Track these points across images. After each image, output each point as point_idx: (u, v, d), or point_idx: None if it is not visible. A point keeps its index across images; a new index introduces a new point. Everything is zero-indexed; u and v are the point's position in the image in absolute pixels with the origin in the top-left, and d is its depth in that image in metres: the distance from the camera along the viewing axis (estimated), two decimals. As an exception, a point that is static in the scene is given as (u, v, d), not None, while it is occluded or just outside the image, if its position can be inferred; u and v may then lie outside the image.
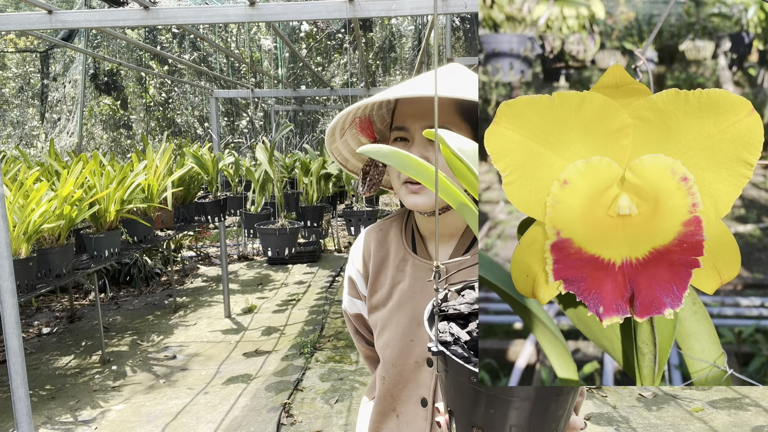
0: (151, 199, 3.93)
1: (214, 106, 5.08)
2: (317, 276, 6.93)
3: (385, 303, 1.07)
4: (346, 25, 6.81)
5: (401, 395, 1.04)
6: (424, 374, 1.01)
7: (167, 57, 4.85)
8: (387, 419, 1.06)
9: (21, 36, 9.28)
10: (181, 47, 9.78)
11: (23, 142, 9.66)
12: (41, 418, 3.39)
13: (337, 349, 4.50)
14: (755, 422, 3.11)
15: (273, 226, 3.39)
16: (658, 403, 3.39)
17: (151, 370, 4.14)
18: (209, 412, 3.43)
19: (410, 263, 1.05)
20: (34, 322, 5.29)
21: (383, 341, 1.05)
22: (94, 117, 9.75)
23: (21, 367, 2.18)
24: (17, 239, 2.70)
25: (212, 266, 7.59)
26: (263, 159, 3.38)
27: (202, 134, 10.83)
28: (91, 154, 3.87)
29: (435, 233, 1.03)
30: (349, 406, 3.47)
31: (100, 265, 3.53)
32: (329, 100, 8.93)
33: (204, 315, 5.46)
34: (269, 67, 8.76)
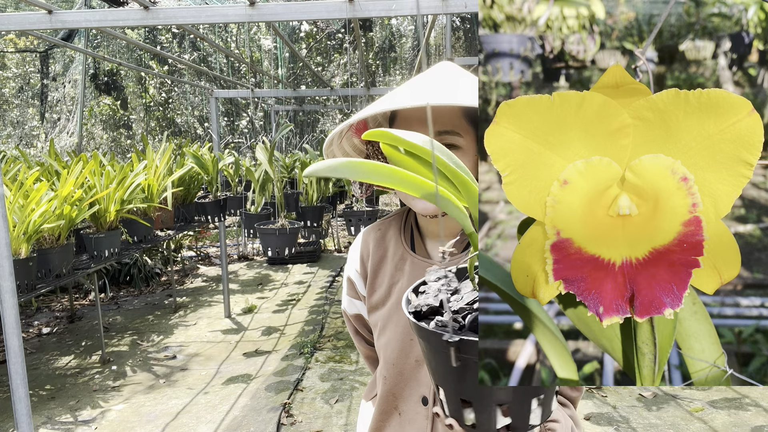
0: (151, 199, 3.93)
1: (214, 106, 5.08)
2: (317, 276, 6.93)
3: (384, 302, 1.07)
4: (346, 25, 6.81)
5: (402, 394, 1.04)
6: (425, 373, 1.01)
7: (167, 57, 4.85)
8: (389, 418, 1.07)
9: (21, 36, 9.28)
10: (181, 47, 9.78)
11: (23, 142, 9.66)
12: (41, 418, 3.39)
13: (337, 349, 4.50)
14: (755, 422, 3.11)
15: (273, 226, 3.39)
16: (658, 403, 3.39)
17: (151, 370, 4.14)
18: (209, 412, 3.43)
19: (409, 262, 1.05)
20: (34, 322, 5.29)
21: (383, 341, 1.06)
22: (94, 117, 9.74)
23: (21, 367, 2.18)
24: (17, 239, 2.70)
25: (212, 266, 7.59)
26: (263, 159, 3.38)
27: (202, 134, 10.83)
28: (91, 154, 3.87)
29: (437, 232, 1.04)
30: (349, 406, 3.47)
31: (100, 265, 3.53)
32: (329, 100, 8.93)
33: (204, 315, 5.46)
34: (269, 67, 8.77)
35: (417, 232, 1.09)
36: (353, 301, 1.16)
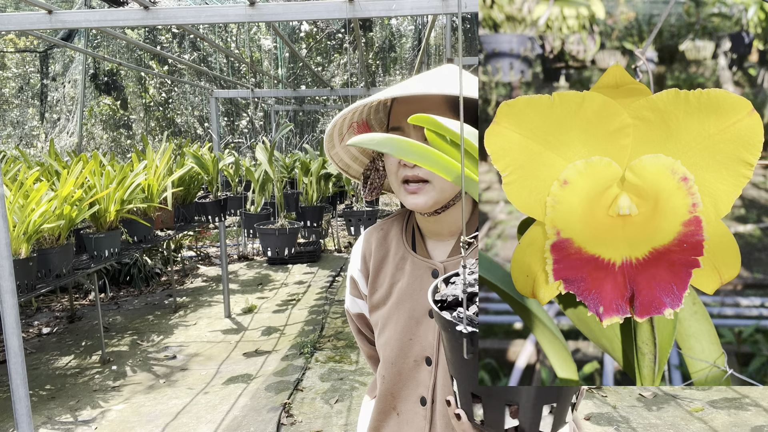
0: (151, 199, 3.93)
1: (214, 106, 5.08)
2: (317, 276, 6.93)
3: (385, 301, 1.07)
4: (346, 25, 6.81)
5: (401, 394, 1.05)
6: (423, 373, 1.01)
7: (167, 57, 4.85)
8: (387, 418, 1.07)
9: (21, 36, 9.28)
10: (181, 47, 9.78)
11: (23, 142, 9.66)
12: (41, 418, 3.39)
13: (337, 349, 4.50)
14: (755, 422, 3.11)
15: (273, 226, 3.39)
16: (658, 403, 3.39)
17: (151, 370, 4.14)
18: (209, 412, 3.43)
19: (409, 261, 1.06)
20: (34, 322, 5.29)
21: (383, 340, 1.06)
22: (94, 117, 9.74)
23: (21, 367, 2.18)
24: (17, 239, 2.70)
25: (212, 266, 7.59)
26: (263, 159, 3.38)
27: (202, 134, 10.83)
28: (91, 154, 3.87)
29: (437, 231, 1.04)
30: (349, 406, 3.47)
31: (100, 265, 3.53)
32: (329, 100, 8.93)
33: (204, 315, 5.46)
34: (269, 67, 8.77)
35: (418, 232, 1.09)
36: (356, 300, 1.16)
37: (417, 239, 1.08)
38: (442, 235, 1.05)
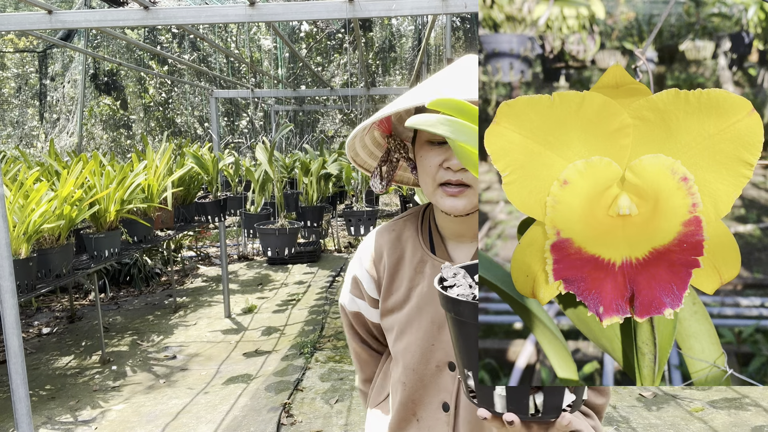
0: (151, 199, 3.93)
1: (214, 106, 5.08)
2: (317, 276, 6.93)
3: (402, 306, 1.04)
4: (346, 25, 6.81)
5: (423, 400, 1.01)
6: (446, 378, 0.99)
7: (167, 57, 4.85)
8: (407, 426, 1.03)
9: (21, 36, 9.28)
10: (181, 47, 9.78)
11: (23, 142, 9.66)
12: (41, 418, 3.39)
13: (337, 349, 4.50)
14: (755, 422, 3.11)
15: (273, 226, 3.39)
16: (658, 403, 3.39)
17: (151, 370, 4.14)
18: (209, 412, 3.43)
19: (429, 264, 1.02)
20: (34, 322, 5.29)
21: (402, 345, 1.02)
22: (94, 117, 9.74)
23: (21, 367, 2.18)
24: (17, 239, 2.70)
25: (212, 266, 7.59)
26: (263, 159, 3.38)
27: (202, 134, 10.83)
28: (91, 154, 3.87)
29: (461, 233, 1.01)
30: (349, 406, 3.47)
31: (100, 265, 3.53)
32: (329, 100, 8.94)
33: (204, 315, 5.46)
34: (269, 67, 8.77)
35: (437, 233, 1.05)
36: (355, 299, 1.13)
37: (436, 241, 1.04)
38: (466, 237, 1.01)
